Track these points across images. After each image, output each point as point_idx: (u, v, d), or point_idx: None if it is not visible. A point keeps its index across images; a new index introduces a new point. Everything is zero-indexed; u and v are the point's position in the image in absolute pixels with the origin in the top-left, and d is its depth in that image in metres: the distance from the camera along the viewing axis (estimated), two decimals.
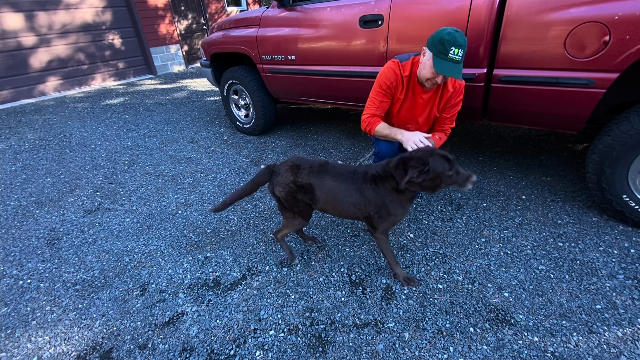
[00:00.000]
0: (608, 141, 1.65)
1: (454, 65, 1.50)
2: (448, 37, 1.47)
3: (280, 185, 1.50)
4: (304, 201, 1.51)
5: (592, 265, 1.56)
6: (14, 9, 5.28)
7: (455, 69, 1.51)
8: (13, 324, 1.52)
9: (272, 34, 2.69)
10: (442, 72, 1.51)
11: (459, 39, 1.47)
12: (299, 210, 1.54)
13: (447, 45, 1.47)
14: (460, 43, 1.47)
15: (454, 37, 1.47)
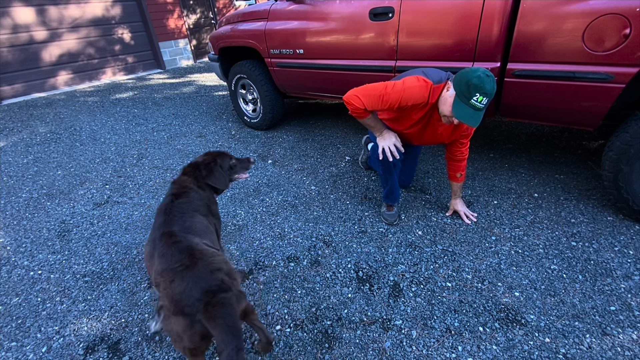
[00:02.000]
0: (626, 138, 1.60)
1: (474, 112, 1.38)
2: (476, 80, 1.33)
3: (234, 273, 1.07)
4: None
5: (606, 265, 1.52)
6: (25, 3, 5.34)
7: (475, 116, 1.38)
8: (24, 314, 1.55)
9: (280, 28, 2.66)
10: (459, 117, 1.40)
11: (487, 86, 1.33)
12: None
13: (472, 90, 1.34)
14: (487, 91, 1.33)
15: (482, 82, 1.32)
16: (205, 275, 0.96)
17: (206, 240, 1.15)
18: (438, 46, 1.94)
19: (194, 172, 1.37)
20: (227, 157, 1.46)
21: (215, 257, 1.04)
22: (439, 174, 2.38)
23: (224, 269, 1.01)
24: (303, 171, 2.60)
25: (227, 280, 0.99)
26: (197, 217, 1.22)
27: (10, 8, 5.21)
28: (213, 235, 1.24)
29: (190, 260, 1.00)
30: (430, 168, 2.48)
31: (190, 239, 1.09)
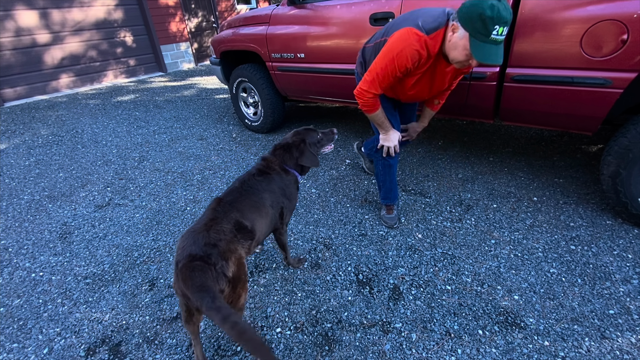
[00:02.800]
0: (624, 143, 1.61)
1: (497, 47, 1.22)
2: (490, 12, 1.14)
3: (233, 252, 1.10)
4: (246, 248, 1.20)
5: (605, 269, 1.53)
6: (28, 7, 5.39)
7: (498, 52, 1.23)
8: (25, 315, 1.55)
9: (281, 32, 2.68)
10: (481, 58, 1.23)
11: (504, 12, 1.15)
12: (246, 269, 1.20)
13: (488, 24, 1.16)
14: (505, 19, 1.16)
15: (497, 11, 1.14)
16: (200, 243, 1.04)
17: (247, 220, 1.22)
18: None
19: (284, 153, 1.45)
20: (314, 133, 1.53)
21: (222, 236, 1.09)
22: (438, 177, 2.40)
23: (219, 247, 1.05)
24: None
25: (214, 257, 1.02)
26: (262, 196, 1.33)
27: (14, 11, 5.26)
28: (264, 218, 1.32)
29: (204, 227, 1.10)
30: (430, 171, 2.49)
31: (228, 211, 1.19)
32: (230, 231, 1.13)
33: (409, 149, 2.86)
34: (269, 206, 1.35)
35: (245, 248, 1.18)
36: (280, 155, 1.45)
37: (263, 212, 1.32)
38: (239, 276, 1.09)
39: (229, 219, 1.17)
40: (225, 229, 1.13)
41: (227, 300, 1.05)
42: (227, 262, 1.05)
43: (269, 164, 1.43)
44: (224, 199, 1.26)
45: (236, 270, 1.07)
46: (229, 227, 1.14)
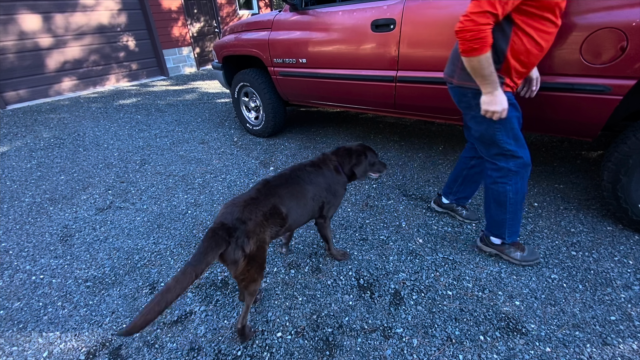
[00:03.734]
0: (624, 149, 1.62)
1: None
2: None
3: (254, 231, 1.18)
4: (273, 232, 1.28)
5: (606, 275, 1.53)
6: (31, 11, 5.43)
7: None
8: (25, 318, 1.55)
9: (283, 38, 2.71)
10: None
11: None
12: (265, 258, 1.27)
13: None
14: None
15: None
16: (234, 216, 1.18)
17: (284, 206, 1.32)
18: (439, 57, 1.98)
19: (344, 156, 1.55)
20: (373, 154, 1.62)
21: (253, 217, 1.20)
22: (440, 182, 2.40)
23: (247, 226, 1.17)
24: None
25: (239, 232, 1.15)
26: (306, 188, 1.41)
27: (17, 15, 5.31)
28: (301, 208, 1.40)
29: (243, 203, 1.23)
30: (430, 176, 2.50)
31: (269, 195, 1.30)
32: (263, 214, 1.24)
33: (410, 154, 2.87)
34: (309, 198, 1.42)
35: (272, 232, 1.29)
36: (340, 156, 1.54)
37: (302, 203, 1.39)
38: (257, 257, 1.20)
39: (267, 203, 1.27)
40: (259, 211, 1.23)
41: (240, 276, 1.20)
42: (249, 240, 1.17)
43: (324, 160, 1.52)
44: (271, 182, 1.36)
45: (255, 250, 1.18)
46: (263, 211, 1.24)
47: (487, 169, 1.53)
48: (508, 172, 1.43)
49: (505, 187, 1.45)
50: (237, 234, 1.14)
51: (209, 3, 7.97)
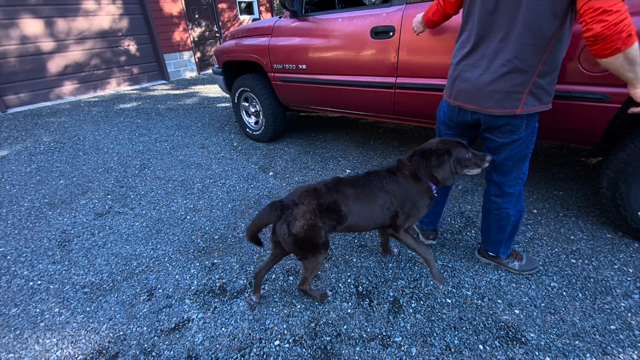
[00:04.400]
0: (623, 157, 1.62)
1: None
2: None
3: (302, 216, 1.27)
4: (328, 225, 1.33)
5: (606, 283, 1.52)
6: (33, 15, 5.47)
7: None
8: (22, 325, 1.54)
9: (283, 44, 2.72)
10: None
11: None
12: (324, 241, 1.32)
13: None
14: None
15: None
16: (292, 197, 1.32)
17: (345, 205, 1.33)
18: (437, 64, 1.99)
19: (420, 160, 1.37)
20: (463, 149, 1.36)
21: (306, 204, 1.29)
22: None
23: (297, 209, 1.28)
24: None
25: (288, 211, 1.29)
26: (376, 194, 1.36)
27: (19, 20, 5.34)
28: (366, 213, 1.36)
29: (305, 190, 1.33)
30: None
31: (334, 190, 1.34)
32: (318, 205, 1.29)
33: None
34: (378, 205, 1.36)
35: (327, 225, 1.32)
36: (416, 162, 1.38)
37: (368, 208, 1.36)
38: (305, 239, 1.28)
39: (328, 197, 1.32)
40: (314, 201, 1.29)
41: (292, 252, 1.35)
42: (296, 221, 1.26)
43: (400, 167, 1.42)
44: (342, 180, 1.38)
45: (302, 233, 1.27)
46: (320, 202, 1.30)
47: (490, 195, 1.49)
48: (512, 197, 1.43)
49: (508, 212, 1.45)
50: (287, 212, 1.28)
51: (210, 8, 8.03)
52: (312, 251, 1.32)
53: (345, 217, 1.34)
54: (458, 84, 1.35)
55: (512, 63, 1.18)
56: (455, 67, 1.37)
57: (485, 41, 1.23)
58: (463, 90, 1.32)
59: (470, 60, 1.29)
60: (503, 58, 1.20)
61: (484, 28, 1.22)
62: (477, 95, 1.28)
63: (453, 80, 1.38)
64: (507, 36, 1.18)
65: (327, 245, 1.36)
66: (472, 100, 1.31)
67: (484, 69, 1.25)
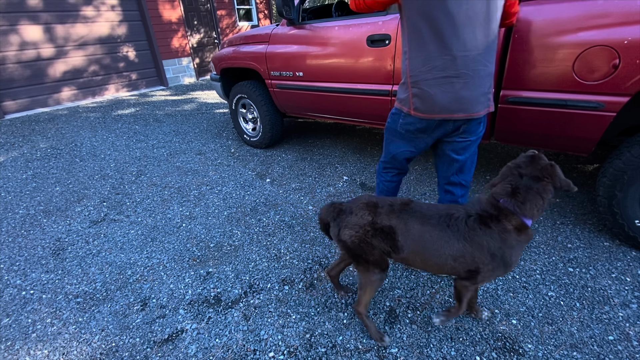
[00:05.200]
0: (619, 165, 1.62)
1: None
2: None
3: (352, 227, 1.19)
4: (381, 249, 1.19)
5: (604, 292, 1.51)
6: (33, 22, 5.49)
7: None
8: (13, 335, 1.52)
9: (281, 51, 2.73)
10: None
11: None
12: (375, 260, 1.20)
13: None
14: None
15: None
16: (350, 203, 1.27)
17: (403, 239, 1.15)
18: None
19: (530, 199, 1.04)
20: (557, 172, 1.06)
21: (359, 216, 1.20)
22: (436, 195, 2.39)
23: (349, 218, 1.22)
24: (301, 190, 2.61)
25: (341, 217, 1.24)
26: (453, 244, 1.08)
27: (19, 26, 5.36)
28: (429, 257, 1.13)
29: (368, 201, 1.24)
30: (427, 189, 2.49)
31: (397, 214, 1.18)
32: (371, 223, 1.18)
33: None
34: (447, 254, 1.10)
35: (381, 246, 1.19)
36: (523, 206, 1.04)
37: (432, 253, 1.13)
38: (355, 251, 1.21)
39: (386, 219, 1.18)
40: (369, 217, 1.19)
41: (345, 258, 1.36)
42: (345, 229, 1.21)
43: (500, 216, 1.06)
44: (412, 207, 1.18)
45: (350, 244, 1.20)
46: (373, 221, 1.18)
47: (458, 198, 1.58)
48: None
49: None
50: (340, 218, 1.24)
51: (209, 15, 8.08)
52: (362, 264, 1.22)
53: (401, 249, 1.15)
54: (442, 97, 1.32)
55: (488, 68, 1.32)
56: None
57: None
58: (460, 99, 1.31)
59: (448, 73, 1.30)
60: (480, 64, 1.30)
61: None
62: (470, 103, 1.32)
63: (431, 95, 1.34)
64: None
65: (382, 266, 1.21)
66: (464, 109, 1.33)
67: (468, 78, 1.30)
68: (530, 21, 1.62)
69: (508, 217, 1.06)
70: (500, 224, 1.06)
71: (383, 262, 1.21)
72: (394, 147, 1.56)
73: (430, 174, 2.71)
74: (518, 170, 1.09)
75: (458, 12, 1.19)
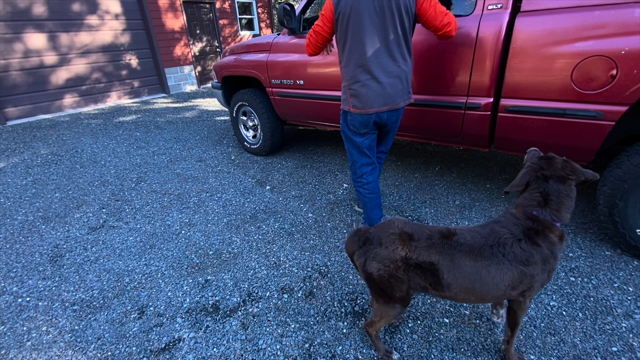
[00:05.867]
0: (619, 173, 1.62)
1: None
2: None
3: (381, 260, 1.08)
4: (417, 284, 1.08)
5: (606, 303, 1.49)
6: (38, 30, 5.56)
7: None
8: (8, 343, 1.49)
9: (281, 60, 2.76)
10: None
11: None
12: (402, 297, 1.11)
13: None
14: None
15: None
16: (378, 232, 1.14)
17: (447, 274, 1.02)
18: (435, 81, 2.01)
19: (562, 205, 1.01)
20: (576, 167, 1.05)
21: (389, 249, 1.08)
22: (436, 204, 2.39)
23: (377, 250, 1.10)
24: (301, 198, 2.60)
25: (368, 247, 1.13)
26: (506, 271, 1.00)
27: (23, 34, 5.43)
28: (482, 290, 1.03)
29: (402, 232, 1.10)
30: (427, 197, 2.49)
31: (441, 249, 1.04)
32: (405, 260, 1.06)
33: (406, 174, 2.87)
34: (507, 285, 1.01)
35: (413, 282, 1.08)
36: (559, 213, 1.02)
37: (488, 289, 1.02)
38: (379, 285, 1.11)
39: (425, 254, 1.04)
40: (402, 252, 1.06)
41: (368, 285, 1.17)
42: (371, 261, 1.10)
43: (545, 230, 1.01)
44: (457, 239, 1.05)
45: (376, 276, 1.10)
46: (408, 257, 1.05)
47: (381, 157, 2.14)
48: None
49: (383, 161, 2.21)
50: (366, 248, 1.12)
51: (212, 24, 8.19)
52: (384, 298, 1.12)
53: (446, 287, 1.04)
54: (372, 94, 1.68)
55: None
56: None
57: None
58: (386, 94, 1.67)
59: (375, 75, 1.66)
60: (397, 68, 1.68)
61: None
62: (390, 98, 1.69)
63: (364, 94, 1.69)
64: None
65: (406, 302, 1.14)
66: (387, 102, 1.68)
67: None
68: (529, 31, 1.64)
69: (551, 229, 1.02)
70: (547, 239, 1.01)
71: (408, 299, 1.13)
72: (353, 143, 1.85)
73: (431, 183, 2.71)
74: (542, 173, 1.05)
75: (370, 31, 1.57)
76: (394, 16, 1.55)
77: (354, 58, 1.63)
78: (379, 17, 1.55)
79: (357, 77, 1.65)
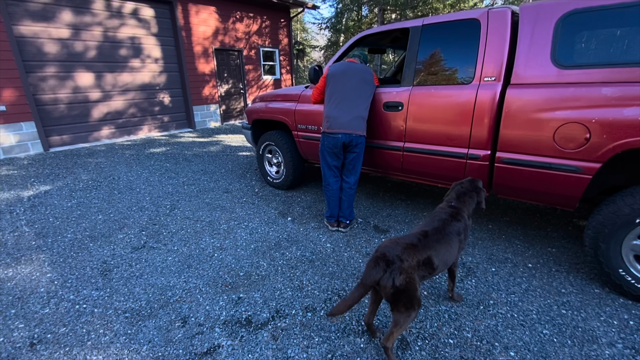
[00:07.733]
0: (600, 219, 1.89)
1: None
2: None
3: (406, 271, 1.41)
4: (421, 277, 1.51)
5: (593, 333, 1.70)
6: (87, 70, 6.30)
7: None
8: (71, 342, 1.75)
9: (308, 109, 3.20)
10: None
11: None
12: (418, 297, 1.44)
13: None
14: None
15: None
16: (395, 252, 1.46)
17: (437, 259, 1.54)
18: (439, 134, 2.38)
19: (469, 200, 1.80)
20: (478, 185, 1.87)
21: (409, 260, 1.45)
22: None
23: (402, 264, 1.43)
24: (319, 229, 2.89)
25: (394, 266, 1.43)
26: (454, 240, 1.63)
27: (74, 73, 6.15)
28: (450, 258, 1.63)
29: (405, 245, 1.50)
30: None
31: (428, 247, 1.53)
32: (418, 261, 1.47)
33: (415, 212, 3.15)
34: (456, 249, 1.66)
35: (421, 276, 1.50)
36: (467, 203, 1.78)
37: (452, 255, 1.64)
38: (405, 291, 1.41)
39: (424, 253, 1.51)
40: (415, 258, 1.47)
41: (390, 302, 1.44)
42: (400, 275, 1.41)
43: (459, 212, 1.73)
44: (430, 236, 1.58)
45: (404, 285, 1.41)
46: (419, 258, 1.48)
47: (347, 186, 2.77)
48: (357, 183, 2.85)
49: (354, 191, 2.84)
50: (392, 267, 1.41)
51: (238, 68, 9.03)
52: (406, 304, 1.41)
53: (436, 268, 1.55)
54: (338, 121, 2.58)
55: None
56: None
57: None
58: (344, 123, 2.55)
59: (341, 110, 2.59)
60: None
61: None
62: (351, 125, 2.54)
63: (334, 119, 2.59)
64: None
65: (420, 303, 1.45)
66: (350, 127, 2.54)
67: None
68: (517, 99, 2.01)
69: (464, 212, 1.76)
70: (462, 218, 1.73)
71: (420, 299, 1.46)
72: (325, 161, 2.71)
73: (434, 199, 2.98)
74: (460, 186, 1.86)
75: (343, 90, 2.58)
76: (360, 85, 2.58)
77: (332, 104, 2.61)
78: (351, 85, 2.58)
79: (331, 113, 2.60)
